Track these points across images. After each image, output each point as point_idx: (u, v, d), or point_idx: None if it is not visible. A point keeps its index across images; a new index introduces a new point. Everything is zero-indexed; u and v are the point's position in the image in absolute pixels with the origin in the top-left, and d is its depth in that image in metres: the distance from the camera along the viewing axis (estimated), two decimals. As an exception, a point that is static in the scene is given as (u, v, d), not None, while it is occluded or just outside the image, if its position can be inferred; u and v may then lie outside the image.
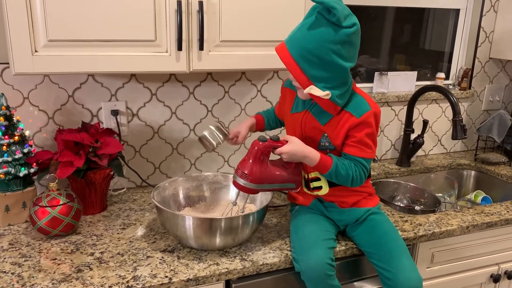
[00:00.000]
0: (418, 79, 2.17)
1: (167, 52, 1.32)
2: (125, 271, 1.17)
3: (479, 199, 1.97)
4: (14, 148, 1.37)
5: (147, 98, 1.66)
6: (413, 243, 1.44)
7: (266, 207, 1.31)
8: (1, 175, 1.35)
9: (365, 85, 2.08)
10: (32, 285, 1.10)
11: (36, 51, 1.20)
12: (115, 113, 1.61)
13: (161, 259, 1.23)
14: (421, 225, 1.48)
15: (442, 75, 2.16)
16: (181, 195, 1.47)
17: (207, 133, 1.39)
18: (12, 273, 1.15)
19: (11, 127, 1.38)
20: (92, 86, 1.58)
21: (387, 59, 2.17)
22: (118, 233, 1.37)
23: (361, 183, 1.27)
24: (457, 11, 2.22)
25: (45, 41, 1.19)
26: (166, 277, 1.15)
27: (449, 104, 2.09)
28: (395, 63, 2.19)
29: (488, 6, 2.16)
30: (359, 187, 1.31)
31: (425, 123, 2.03)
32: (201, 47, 1.33)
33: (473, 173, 2.16)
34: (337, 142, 1.26)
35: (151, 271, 1.17)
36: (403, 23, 2.17)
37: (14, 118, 1.38)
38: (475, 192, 2.02)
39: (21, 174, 1.38)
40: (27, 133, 1.42)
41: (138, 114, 1.67)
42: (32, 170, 1.40)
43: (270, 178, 1.23)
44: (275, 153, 1.23)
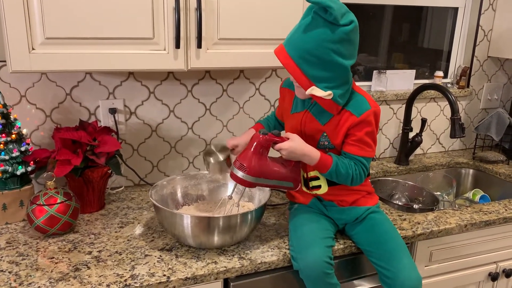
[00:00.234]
0: (416, 77, 2.17)
1: (165, 50, 1.32)
2: (123, 270, 1.16)
3: (477, 198, 1.97)
4: (11, 146, 1.37)
5: (145, 96, 1.65)
6: (412, 241, 1.44)
7: (265, 205, 1.31)
8: (-2, 174, 1.35)
9: (363, 83, 2.08)
10: (30, 284, 1.09)
11: (33, 48, 1.19)
12: (113, 111, 1.60)
13: (159, 258, 1.22)
14: (419, 223, 1.48)
15: (440, 73, 2.16)
16: (179, 193, 1.46)
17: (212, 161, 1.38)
18: (10, 272, 1.14)
19: (8, 125, 1.37)
20: (89, 84, 1.57)
21: (385, 58, 2.17)
22: (116, 232, 1.36)
23: (361, 182, 1.27)
24: (456, 9, 2.22)
25: (42, 38, 1.19)
26: (164, 275, 1.14)
27: (447, 103, 2.10)
28: (393, 62, 2.19)
29: (487, 5, 2.16)
30: (358, 186, 1.31)
31: (423, 121, 2.03)
32: (199, 45, 1.33)
33: (471, 171, 2.16)
34: (336, 141, 1.26)
35: (149, 269, 1.17)
36: (401, 22, 2.17)
37: (11, 116, 1.38)
38: (473, 191, 2.02)
39: (18, 173, 1.37)
40: (24, 131, 1.42)
41: (136, 112, 1.66)
42: (29, 169, 1.40)
43: (268, 173, 1.22)
44: (275, 148, 1.22)
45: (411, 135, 2.06)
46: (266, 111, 1.85)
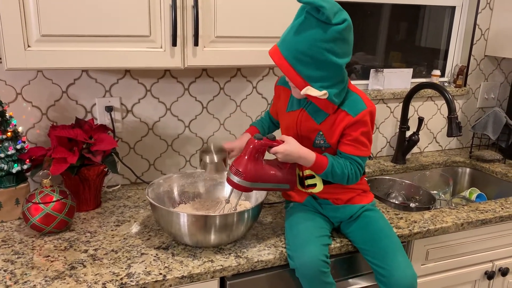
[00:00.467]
0: (413, 76, 2.17)
1: (161, 47, 1.31)
2: (119, 268, 1.16)
3: (473, 196, 1.98)
4: (7, 144, 1.36)
5: (141, 94, 1.65)
6: (408, 240, 1.44)
7: (261, 204, 1.31)
8: (-7, 172, 1.34)
9: (360, 82, 2.08)
10: (25, 282, 1.09)
11: (29, 46, 1.18)
12: (109, 109, 1.60)
13: (155, 256, 1.22)
14: (416, 222, 1.48)
15: (437, 72, 2.16)
16: (175, 192, 1.46)
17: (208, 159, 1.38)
18: (5, 270, 1.14)
19: (3, 123, 1.36)
20: (86, 82, 1.56)
21: (382, 56, 2.17)
22: (112, 230, 1.36)
23: (357, 181, 1.27)
24: (453, 8, 2.22)
25: (38, 36, 1.18)
26: (161, 274, 1.14)
27: (444, 102, 2.10)
28: (390, 60, 2.19)
29: (484, 4, 2.16)
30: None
31: (420, 120, 2.03)
32: (196, 43, 1.32)
33: (468, 170, 2.17)
34: (332, 141, 1.26)
35: (145, 268, 1.16)
36: (399, 20, 2.16)
37: (6, 114, 1.37)
38: (469, 190, 2.02)
39: (14, 171, 1.37)
40: (20, 129, 1.41)
41: (133, 110, 1.66)
42: (25, 167, 1.39)
43: (264, 177, 1.23)
44: (270, 152, 1.22)
45: (408, 133, 2.06)
46: (263, 109, 1.84)
